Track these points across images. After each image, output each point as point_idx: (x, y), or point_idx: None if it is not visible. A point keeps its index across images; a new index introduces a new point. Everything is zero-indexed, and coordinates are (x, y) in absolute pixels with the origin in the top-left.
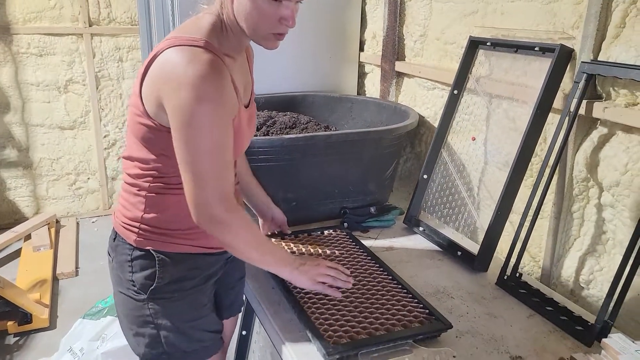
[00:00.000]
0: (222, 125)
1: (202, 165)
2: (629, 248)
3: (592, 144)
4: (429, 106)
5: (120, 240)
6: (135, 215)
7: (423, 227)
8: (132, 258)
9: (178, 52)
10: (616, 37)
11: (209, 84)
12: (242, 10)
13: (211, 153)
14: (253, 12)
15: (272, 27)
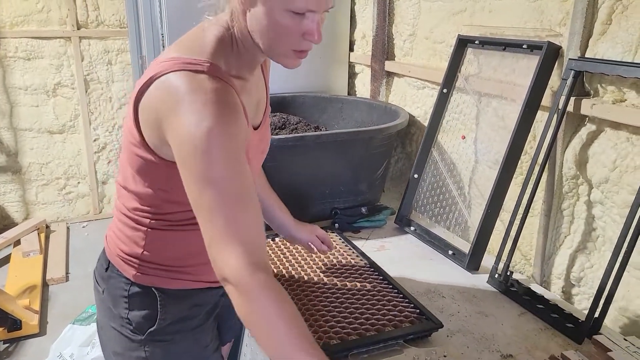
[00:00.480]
0: (237, 158)
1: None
2: (617, 245)
3: (581, 141)
4: (419, 105)
5: (115, 272)
6: (134, 251)
7: (414, 227)
8: (129, 294)
9: (180, 79)
10: (603, 33)
11: (220, 115)
12: (257, 25)
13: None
14: (270, 27)
15: (294, 44)
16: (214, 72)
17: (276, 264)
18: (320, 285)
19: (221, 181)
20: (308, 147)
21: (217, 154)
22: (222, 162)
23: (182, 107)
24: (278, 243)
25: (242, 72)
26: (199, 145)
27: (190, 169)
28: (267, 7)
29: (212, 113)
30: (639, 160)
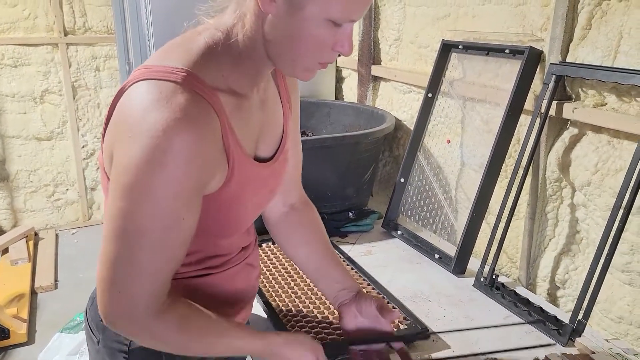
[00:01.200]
0: (173, 202)
1: (134, 250)
2: (600, 247)
3: (564, 145)
4: (406, 109)
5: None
6: None
7: (401, 231)
8: (130, 349)
9: (144, 87)
10: (583, 38)
11: (168, 143)
12: (282, 33)
13: (152, 237)
14: (303, 37)
15: (323, 56)
16: (188, 84)
17: (263, 271)
18: (305, 290)
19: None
20: None
21: (156, 191)
22: (158, 204)
23: (134, 123)
24: (265, 249)
25: (240, 87)
26: (130, 179)
27: (116, 205)
28: (303, 14)
29: (162, 143)
30: (620, 163)
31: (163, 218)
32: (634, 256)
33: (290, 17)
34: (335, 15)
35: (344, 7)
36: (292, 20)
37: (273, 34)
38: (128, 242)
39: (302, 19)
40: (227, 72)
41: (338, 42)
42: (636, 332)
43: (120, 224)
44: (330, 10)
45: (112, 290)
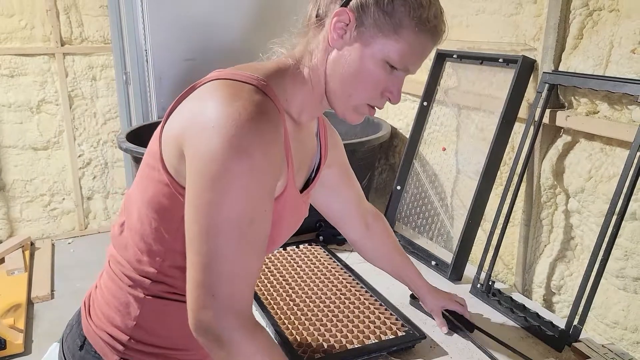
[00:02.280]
0: (259, 191)
1: (227, 245)
2: (594, 253)
3: (557, 152)
4: (401, 117)
5: (92, 353)
6: (126, 323)
7: (398, 238)
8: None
9: (224, 84)
10: (575, 47)
11: (253, 132)
12: (343, 67)
13: (242, 229)
14: (357, 74)
15: (372, 98)
16: (264, 89)
17: (260, 278)
18: (304, 298)
19: (232, 220)
20: None
21: (238, 180)
22: (240, 192)
23: (211, 115)
24: (265, 260)
25: (299, 113)
26: (217, 168)
27: (201, 200)
28: (364, 51)
29: (247, 132)
30: (612, 170)
31: (252, 208)
32: (628, 262)
33: (354, 51)
34: (394, 58)
35: (403, 54)
36: (355, 55)
37: (334, 68)
38: (219, 237)
39: (363, 55)
40: (289, 97)
41: (389, 88)
42: (631, 336)
43: (209, 217)
44: (391, 52)
45: (206, 294)
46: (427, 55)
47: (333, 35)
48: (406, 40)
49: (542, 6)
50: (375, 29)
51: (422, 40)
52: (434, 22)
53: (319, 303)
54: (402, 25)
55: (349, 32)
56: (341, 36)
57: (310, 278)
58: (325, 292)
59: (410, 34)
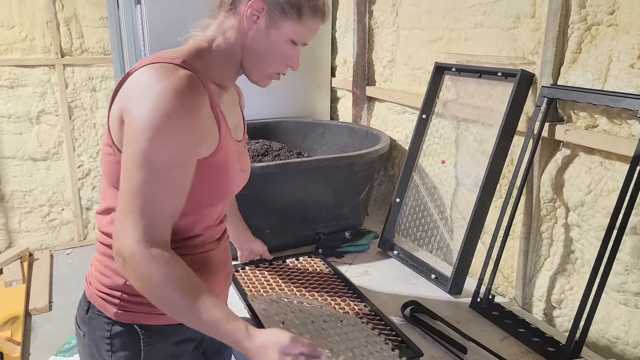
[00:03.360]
0: (179, 144)
1: (141, 181)
2: (595, 267)
3: (557, 165)
4: (400, 130)
5: (96, 312)
6: (116, 282)
7: (397, 251)
8: (111, 335)
9: (150, 69)
10: (573, 62)
11: (180, 99)
12: (255, 47)
13: (157, 170)
14: (270, 51)
15: (281, 68)
16: (186, 66)
17: (256, 287)
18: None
19: (159, 167)
20: (291, 173)
21: (167, 137)
22: (169, 149)
23: (145, 88)
24: (264, 272)
25: (222, 80)
26: (152, 126)
27: (133, 148)
28: (274, 33)
29: (174, 98)
30: (612, 184)
31: (172, 157)
32: (629, 276)
33: (266, 33)
34: (296, 37)
35: (302, 33)
36: (268, 36)
37: (249, 47)
38: (142, 176)
39: (275, 36)
40: (211, 66)
41: (292, 59)
42: (633, 352)
43: (136, 160)
44: (295, 33)
45: (126, 222)
46: (317, 31)
47: (249, 20)
48: (305, 23)
49: (540, 20)
50: (283, 15)
51: (316, 22)
52: (324, 8)
53: (315, 318)
54: (302, 12)
55: (262, 18)
56: (255, 21)
57: (309, 291)
58: (324, 306)
59: (308, 18)
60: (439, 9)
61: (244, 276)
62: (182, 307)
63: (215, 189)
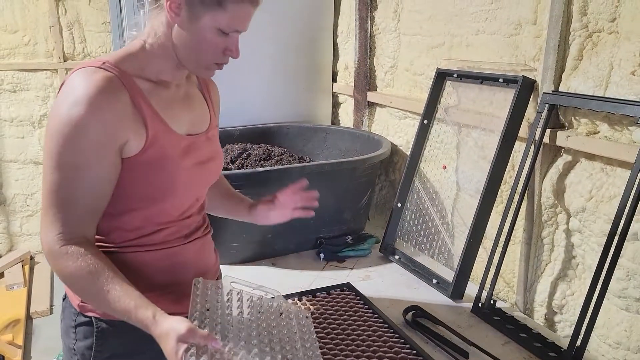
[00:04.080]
0: (86, 145)
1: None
2: (596, 273)
3: (558, 171)
4: (402, 135)
5: (68, 302)
6: None
7: (399, 256)
8: (76, 324)
9: (74, 75)
10: (575, 68)
11: (88, 102)
12: (183, 40)
13: (64, 170)
14: (198, 43)
15: (217, 58)
16: (107, 67)
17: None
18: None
19: (68, 168)
20: (293, 178)
21: (74, 141)
22: (76, 151)
23: (64, 92)
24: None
25: (161, 76)
26: (59, 130)
27: (45, 150)
28: (198, 24)
29: (82, 101)
30: (614, 190)
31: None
32: (630, 282)
33: (190, 25)
34: (223, 26)
35: (229, 21)
36: (192, 29)
37: (179, 41)
38: (54, 176)
39: (199, 28)
40: (145, 66)
41: (229, 47)
42: (634, 357)
43: (48, 161)
44: (219, 22)
45: (45, 217)
46: (250, 16)
47: (171, 14)
48: (230, 10)
49: (541, 27)
50: (201, 6)
51: (243, 7)
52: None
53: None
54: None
55: (182, 11)
56: (177, 14)
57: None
58: (359, 344)
59: (232, 5)
60: (440, 16)
61: None
62: (96, 298)
63: (155, 186)
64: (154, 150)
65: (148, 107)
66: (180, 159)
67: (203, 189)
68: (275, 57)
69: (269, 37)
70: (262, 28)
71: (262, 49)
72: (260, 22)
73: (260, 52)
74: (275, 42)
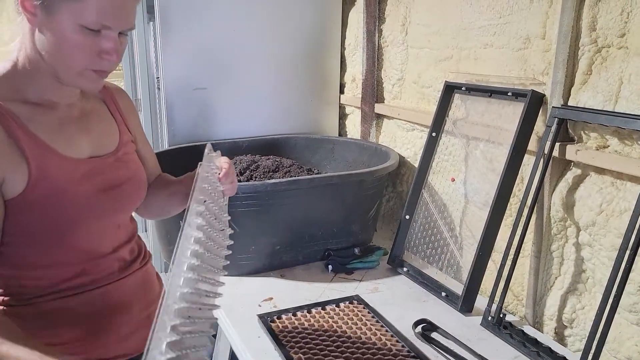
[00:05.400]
0: None
1: None
2: (607, 287)
3: (567, 185)
4: (409, 147)
5: None
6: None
7: (407, 268)
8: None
9: None
10: (584, 83)
11: None
12: (46, 45)
13: None
14: (61, 44)
15: (90, 63)
16: None
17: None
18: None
19: None
20: (302, 190)
21: None
22: None
23: None
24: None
25: (44, 95)
26: None
27: None
28: (56, 22)
29: None
30: (624, 205)
31: None
32: None
33: (48, 25)
34: (87, 20)
35: (92, 14)
36: (50, 28)
37: (41, 46)
38: None
39: (57, 26)
40: (20, 87)
41: (104, 49)
42: None
43: None
44: (80, 16)
45: None
46: (122, 7)
47: (27, 15)
48: (86, 0)
49: (550, 42)
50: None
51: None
52: None
53: (335, 337)
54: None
55: (38, 9)
56: (34, 14)
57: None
58: (369, 357)
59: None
60: (448, 29)
61: (280, 325)
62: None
63: (54, 223)
64: (44, 184)
65: (27, 135)
66: (78, 187)
67: (121, 215)
68: (283, 69)
69: (277, 49)
70: (270, 40)
71: (270, 61)
72: (268, 35)
73: (268, 64)
74: (283, 55)
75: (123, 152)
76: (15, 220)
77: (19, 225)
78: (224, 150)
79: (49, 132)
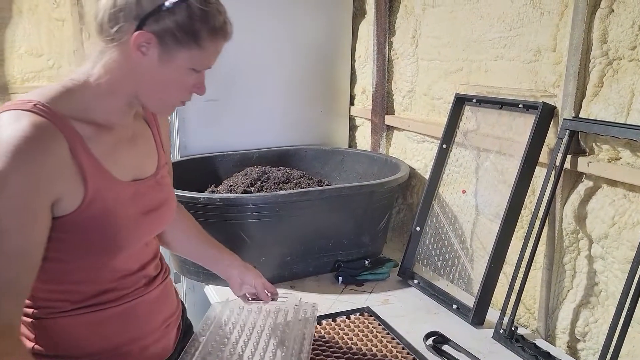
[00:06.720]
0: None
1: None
2: (620, 301)
3: (579, 197)
4: (419, 158)
5: None
6: (28, 345)
7: (417, 280)
8: None
9: (2, 117)
10: (595, 95)
11: (21, 146)
12: (149, 80)
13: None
14: (168, 84)
15: (184, 96)
16: (39, 110)
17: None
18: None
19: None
20: (312, 201)
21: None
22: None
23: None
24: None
25: (107, 117)
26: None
27: None
28: (169, 63)
29: (17, 142)
30: (637, 217)
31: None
32: None
33: (160, 65)
34: (197, 65)
35: (204, 59)
36: (163, 69)
37: (142, 79)
38: None
39: (167, 68)
40: (88, 106)
41: (197, 84)
42: None
43: None
44: (194, 60)
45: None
46: (220, 51)
47: (137, 53)
48: (205, 47)
49: (561, 54)
50: (178, 45)
51: (217, 44)
52: (224, 28)
53: (345, 350)
54: (200, 37)
55: (152, 49)
56: (144, 53)
57: (361, 351)
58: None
59: (207, 42)
60: (459, 42)
61: None
62: None
63: (97, 244)
64: (95, 207)
65: (89, 158)
66: (126, 210)
67: (150, 237)
68: (293, 81)
69: (288, 61)
70: (281, 52)
71: (281, 73)
72: (279, 47)
73: (278, 75)
74: (293, 66)
75: (161, 175)
76: (61, 238)
77: (64, 242)
78: (234, 161)
79: (105, 153)
